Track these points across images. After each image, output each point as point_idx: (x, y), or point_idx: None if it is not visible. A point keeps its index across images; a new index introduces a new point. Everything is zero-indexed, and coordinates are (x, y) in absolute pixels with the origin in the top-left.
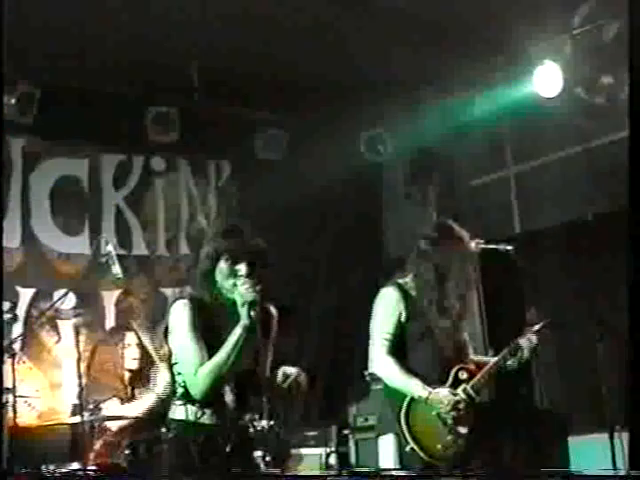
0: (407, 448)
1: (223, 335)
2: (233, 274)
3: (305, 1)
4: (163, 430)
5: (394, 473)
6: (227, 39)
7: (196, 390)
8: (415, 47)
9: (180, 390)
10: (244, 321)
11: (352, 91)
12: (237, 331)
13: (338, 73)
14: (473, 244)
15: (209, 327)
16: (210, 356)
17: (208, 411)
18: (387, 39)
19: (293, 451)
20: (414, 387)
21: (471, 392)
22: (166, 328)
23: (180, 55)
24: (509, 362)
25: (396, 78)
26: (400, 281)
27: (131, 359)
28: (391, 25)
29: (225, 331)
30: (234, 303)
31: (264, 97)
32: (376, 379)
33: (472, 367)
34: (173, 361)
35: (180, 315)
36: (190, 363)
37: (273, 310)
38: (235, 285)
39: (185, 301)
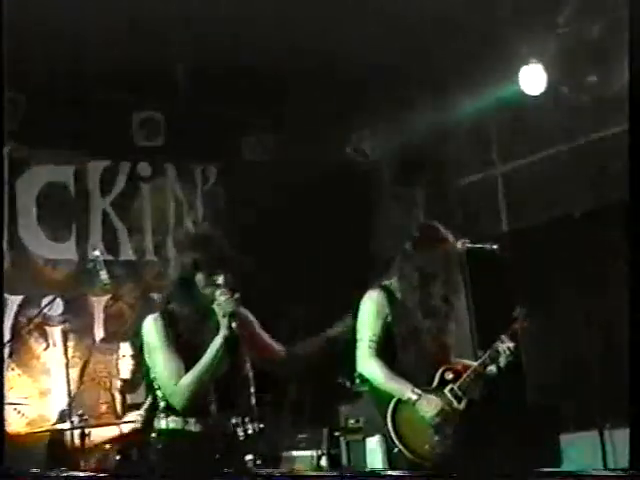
0: (395, 450)
1: (203, 344)
2: (210, 284)
3: (291, 2)
4: (153, 435)
5: (390, 473)
6: (213, 42)
7: (178, 400)
8: (401, 47)
9: (162, 404)
10: (224, 332)
11: (339, 92)
12: (217, 342)
13: (325, 74)
14: (459, 244)
15: (187, 337)
16: (190, 366)
17: (192, 420)
18: (374, 40)
19: (284, 454)
20: (401, 389)
21: (458, 392)
22: (141, 345)
23: (166, 59)
24: (490, 366)
25: (382, 78)
26: (386, 283)
27: (126, 370)
28: (377, 25)
29: (205, 339)
30: (212, 311)
31: (251, 100)
32: (364, 380)
33: (458, 367)
34: (152, 376)
35: (151, 331)
36: (169, 376)
37: (251, 317)
38: (212, 294)
39: (155, 316)
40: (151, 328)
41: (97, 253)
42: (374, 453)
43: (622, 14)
